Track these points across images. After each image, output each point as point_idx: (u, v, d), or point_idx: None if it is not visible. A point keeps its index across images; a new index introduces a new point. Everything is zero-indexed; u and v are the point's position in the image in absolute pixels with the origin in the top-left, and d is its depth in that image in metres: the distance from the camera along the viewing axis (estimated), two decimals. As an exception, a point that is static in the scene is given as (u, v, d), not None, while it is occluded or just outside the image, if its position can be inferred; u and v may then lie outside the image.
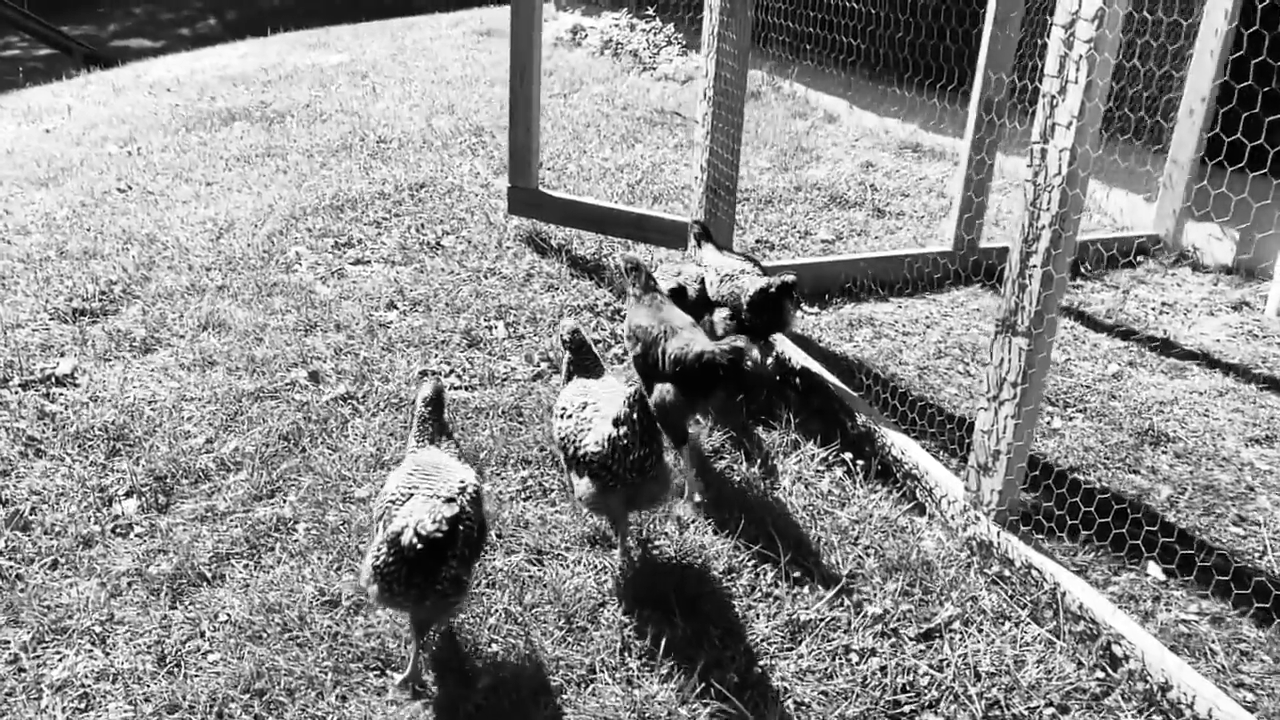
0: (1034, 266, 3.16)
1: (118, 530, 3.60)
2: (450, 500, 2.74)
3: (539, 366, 4.72)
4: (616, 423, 3.10)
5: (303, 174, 7.45)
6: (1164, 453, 4.22)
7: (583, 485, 3.20)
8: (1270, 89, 3.96)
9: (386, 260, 5.96)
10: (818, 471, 3.92)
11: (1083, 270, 6.18)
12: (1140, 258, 6.42)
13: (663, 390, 3.67)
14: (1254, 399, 4.68)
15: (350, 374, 4.61)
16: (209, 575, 3.38)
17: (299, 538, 3.55)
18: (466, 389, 4.56)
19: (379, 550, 2.74)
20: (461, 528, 2.70)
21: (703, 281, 4.79)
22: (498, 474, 3.92)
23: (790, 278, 4.40)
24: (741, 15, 4.95)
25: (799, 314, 5.46)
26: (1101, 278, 6.18)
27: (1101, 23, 2.87)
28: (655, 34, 12.39)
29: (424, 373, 4.64)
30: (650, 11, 12.56)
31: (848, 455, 3.96)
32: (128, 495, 3.79)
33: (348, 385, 4.50)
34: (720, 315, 4.64)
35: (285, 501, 3.74)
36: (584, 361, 3.54)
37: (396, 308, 5.32)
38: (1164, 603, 3.33)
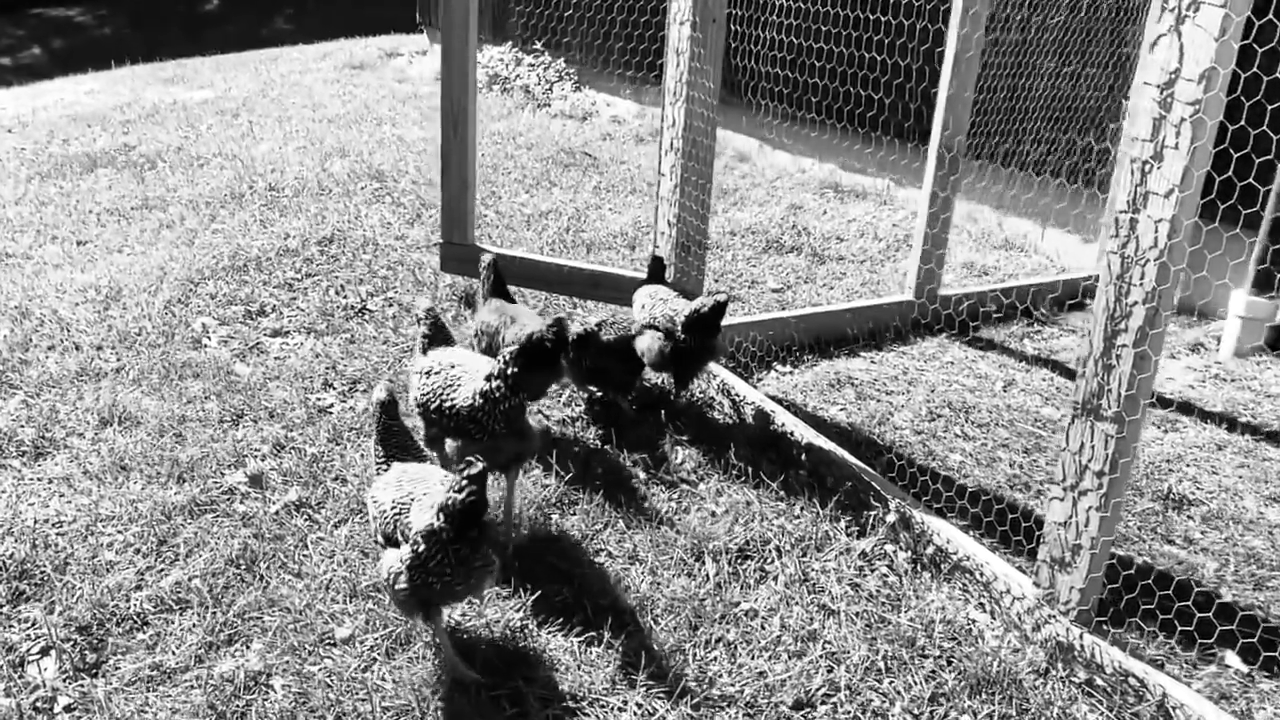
0: (1123, 346, 2.87)
1: (39, 705, 2.88)
2: (467, 465, 2.73)
3: (515, 454, 4.18)
4: (489, 378, 3.36)
5: (191, 229, 6.66)
6: (1190, 518, 4.04)
7: (449, 445, 3.49)
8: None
9: (309, 330, 5.29)
10: (859, 569, 3.54)
11: (1038, 315, 6.07)
12: (1088, 300, 6.36)
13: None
14: (1253, 451, 4.58)
15: (298, 475, 3.96)
16: (172, 761, 2.72)
17: (277, 699, 2.91)
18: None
19: (415, 548, 2.77)
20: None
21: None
22: (499, 600, 3.37)
23: (723, 297, 4.28)
24: (715, 61, 4.57)
25: (776, 375, 5.11)
26: (1057, 322, 6.08)
27: (1209, 84, 2.61)
28: (545, 69, 11.96)
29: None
30: (538, 45, 12.12)
31: (890, 548, 3.60)
32: (44, 654, 3.07)
33: (298, 490, 3.85)
34: (650, 334, 4.42)
35: (250, 650, 3.09)
36: (439, 337, 3.75)
37: (333, 387, 4.68)
38: (1258, 698, 3.08)
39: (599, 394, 4.61)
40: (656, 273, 4.84)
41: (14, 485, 3.87)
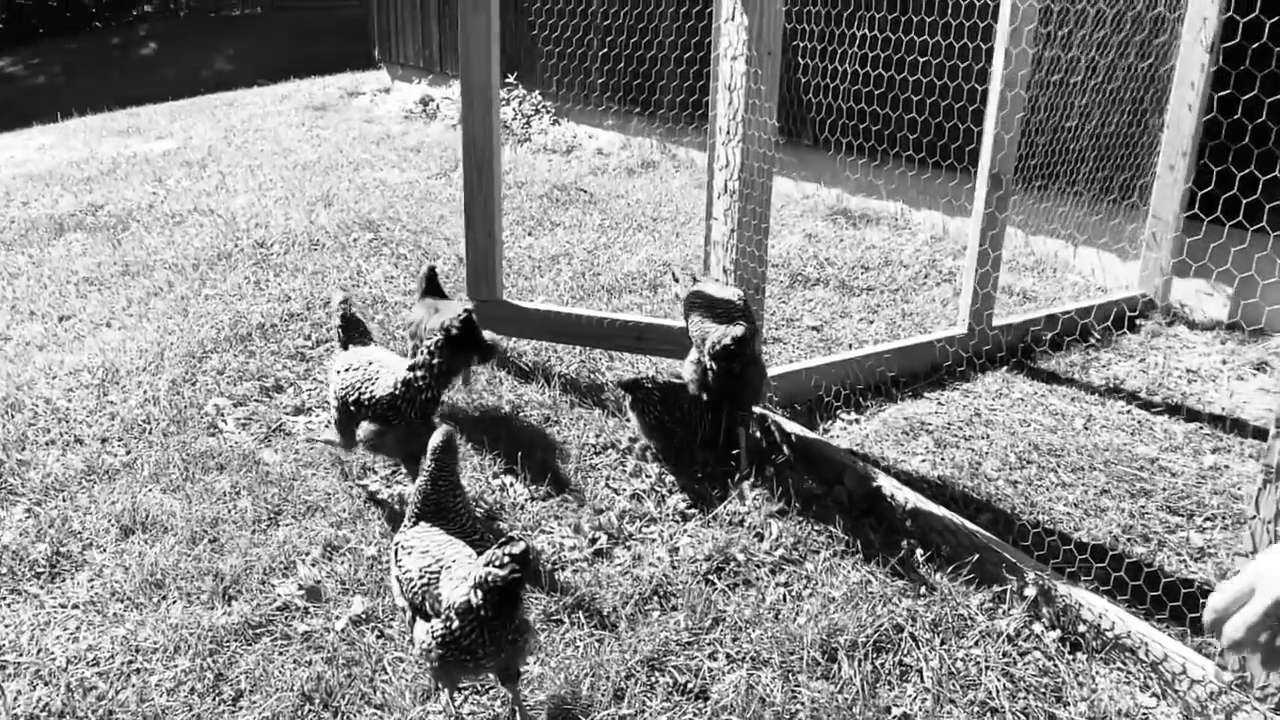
0: (1329, 402, 2.56)
1: None
2: (509, 542, 2.62)
3: (594, 537, 3.78)
4: (413, 368, 3.70)
5: (183, 296, 6.17)
6: (1326, 563, 3.74)
7: (365, 427, 3.78)
8: (1255, 139, 3.67)
9: (333, 405, 4.85)
10: (1005, 654, 3.19)
11: (1093, 339, 5.80)
12: (1140, 320, 6.11)
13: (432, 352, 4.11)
14: (1363, 481, 4.32)
15: (360, 582, 3.52)
16: None
17: None
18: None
19: (448, 624, 2.68)
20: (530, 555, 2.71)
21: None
22: None
23: (739, 331, 3.93)
24: (772, 97, 4.25)
25: (843, 424, 4.76)
26: (1113, 345, 5.82)
27: None
28: (521, 102, 11.60)
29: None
30: (510, 79, 11.76)
31: (1037, 627, 3.26)
32: (103, 831, 2.61)
33: (362, 600, 3.42)
34: (688, 361, 4.26)
35: (348, 809, 2.66)
36: (356, 333, 4.10)
37: (375, 471, 4.25)
38: None
39: (660, 456, 4.28)
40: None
41: (34, 615, 3.39)
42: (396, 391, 3.70)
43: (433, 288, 4.94)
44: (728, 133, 4.40)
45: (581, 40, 10.29)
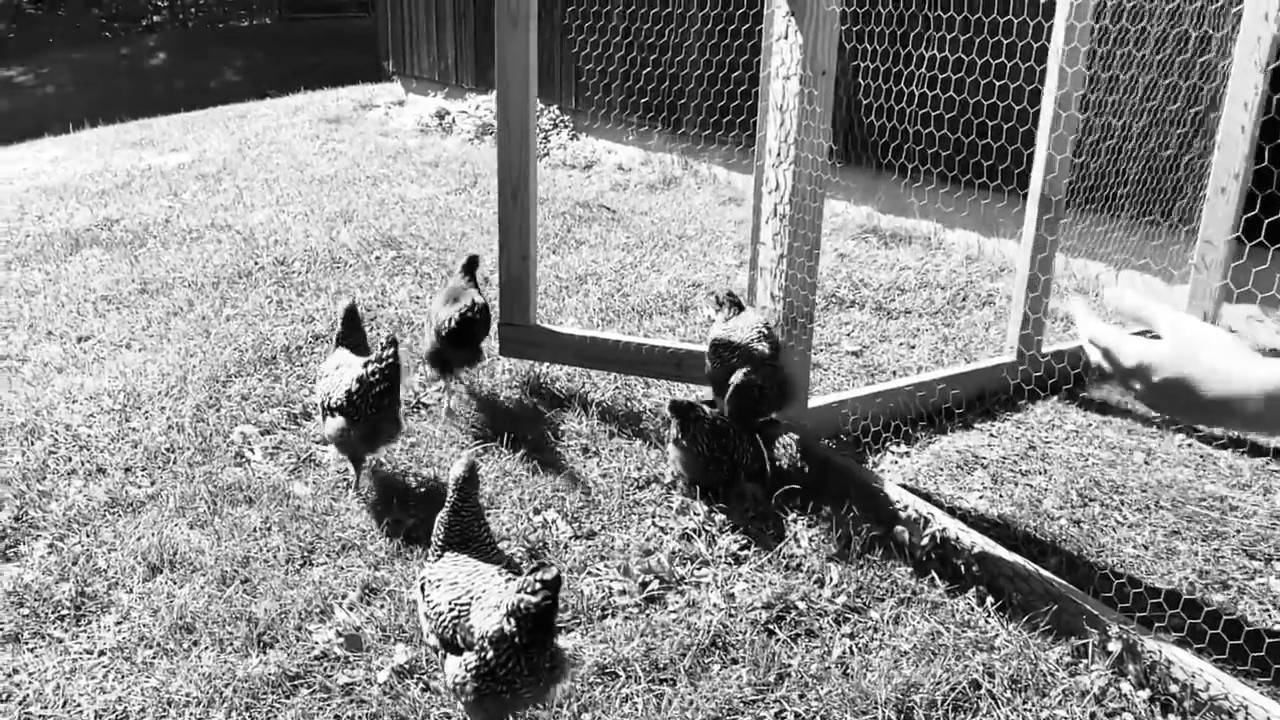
0: None
1: None
2: (540, 568, 2.55)
3: (645, 580, 3.60)
4: (366, 364, 3.88)
5: (203, 316, 6.00)
6: None
7: (332, 424, 3.96)
8: None
9: (363, 433, 4.67)
10: (1093, 716, 3.00)
11: (1142, 368, 5.61)
12: (1188, 347, 5.92)
13: (434, 343, 4.74)
14: None
15: (401, 628, 3.34)
16: None
17: None
18: (563, 630, 3.38)
19: (482, 655, 2.60)
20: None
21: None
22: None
23: (740, 377, 4.06)
24: (826, 118, 4.08)
25: (894, 457, 4.58)
26: (1162, 375, 5.62)
27: None
28: (539, 117, 11.44)
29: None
30: (529, 92, 11.59)
31: (1125, 686, 3.07)
32: None
33: (406, 649, 3.24)
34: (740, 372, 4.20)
35: None
36: (353, 337, 4.28)
37: (411, 507, 4.07)
38: None
39: (707, 491, 4.11)
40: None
41: (58, 662, 3.21)
42: (352, 387, 3.89)
43: (469, 272, 5.05)
44: (778, 155, 4.23)
45: (602, 55, 10.15)
